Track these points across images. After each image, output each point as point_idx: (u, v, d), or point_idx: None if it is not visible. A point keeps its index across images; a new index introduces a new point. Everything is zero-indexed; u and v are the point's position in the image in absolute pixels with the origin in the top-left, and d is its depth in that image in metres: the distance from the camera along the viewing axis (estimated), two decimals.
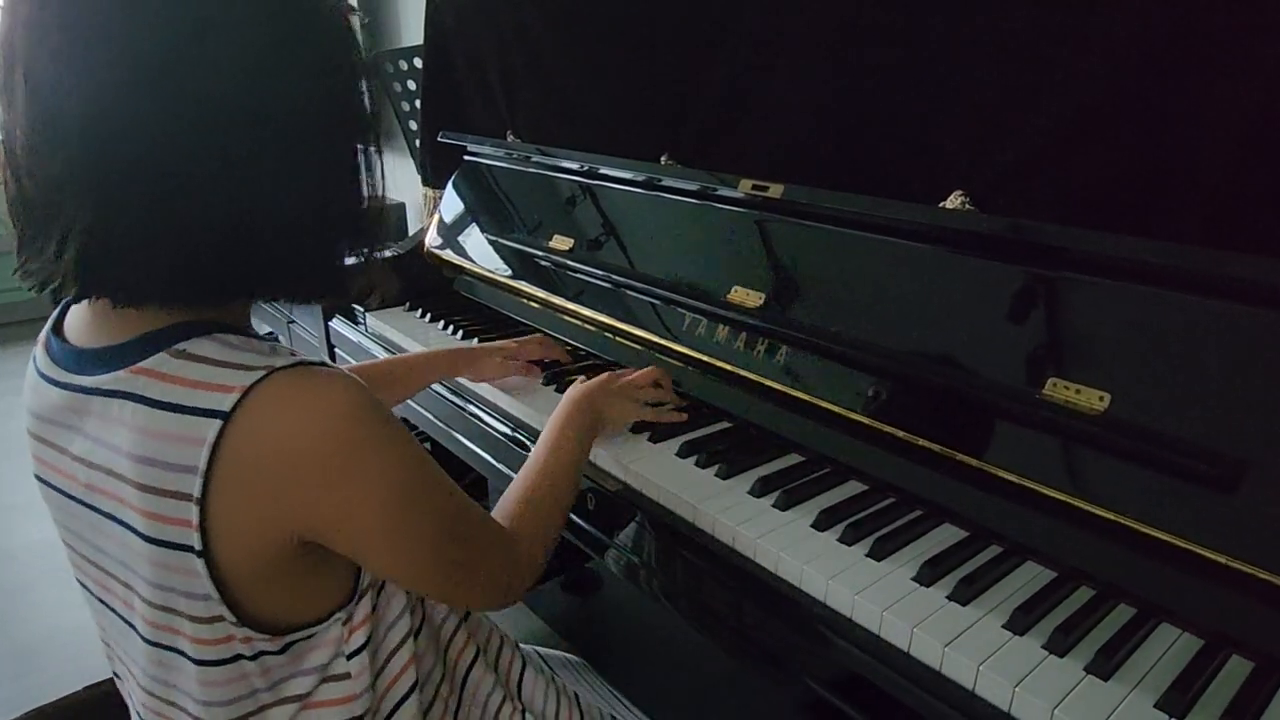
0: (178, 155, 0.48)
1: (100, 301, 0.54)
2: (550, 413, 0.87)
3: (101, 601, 0.61)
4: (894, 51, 0.93)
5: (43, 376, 0.58)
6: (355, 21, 0.57)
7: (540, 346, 1.13)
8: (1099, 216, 0.77)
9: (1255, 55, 0.67)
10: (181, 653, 0.56)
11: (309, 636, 0.58)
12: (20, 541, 2.09)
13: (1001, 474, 0.73)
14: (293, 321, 1.92)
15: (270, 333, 0.64)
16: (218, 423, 0.49)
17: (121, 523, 0.54)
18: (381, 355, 1.32)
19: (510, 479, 1.02)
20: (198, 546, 0.51)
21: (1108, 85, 0.76)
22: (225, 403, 0.50)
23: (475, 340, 1.25)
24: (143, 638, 0.57)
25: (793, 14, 1.02)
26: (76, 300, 0.58)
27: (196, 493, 0.50)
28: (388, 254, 1.55)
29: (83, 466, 0.55)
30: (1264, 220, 0.69)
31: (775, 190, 0.97)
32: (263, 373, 0.51)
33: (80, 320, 0.58)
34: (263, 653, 0.56)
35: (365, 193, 0.58)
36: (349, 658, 0.60)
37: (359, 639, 0.61)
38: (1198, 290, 0.66)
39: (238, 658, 0.56)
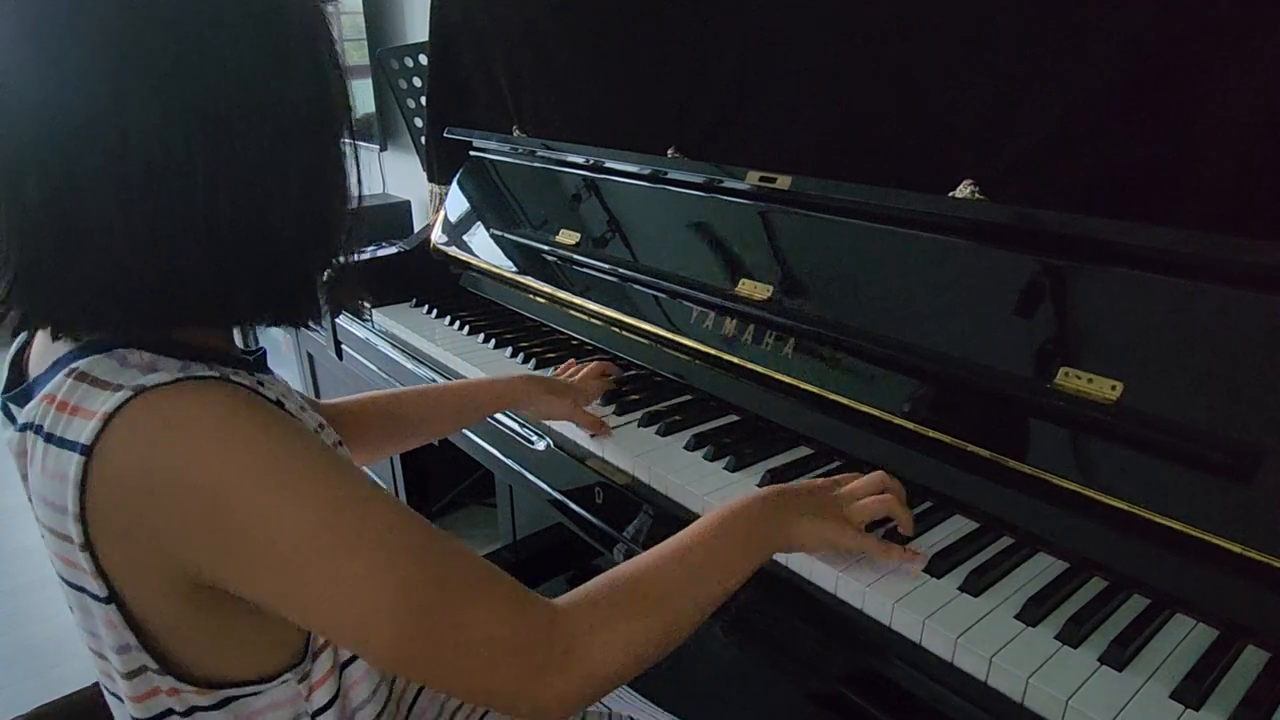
0: (100, 172, 0.43)
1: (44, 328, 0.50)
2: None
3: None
4: (902, 40, 0.92)
5: (2, 407, 0.54)
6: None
7: (602, 383, 1.01)
8: (1110, 204, 0.76)
9: (1267, 42, 0.66)
10: (122, 701, 0.52)
11: (253, 694, 0.52)
12: (30, 540, 2.10)
13: (1013, 464, 0.72)
14: None
15: (258, 348, 0.57)
16: (78, 458, 0.43)
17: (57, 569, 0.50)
18: (389, 351, 1.32)
19: (519, 475, 1.04)
20: (101, 594, 0.46)
21: (1118, 72, 0.75)
22: (86, 433, 0.43)
23: (482, 336, 1.25)
24: (98, 683, 0.55)
25: (800, 4, 1.01)
26: (20, 331, 0.53)
27: (78, 539, 0.45)
28: (387, 252, 1.56)
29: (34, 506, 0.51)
30: (1277, 206, 0.68)
31: (783, 181, 0.97)
32: (128, 395, 0.43)
33: (36, 345, 0.54)
34: (196, 708, 0.51)
35: (323, 215, 0.52)
36: (314, 716, 0.55)
37: (323, 696, 0.54)
38: (1209, 277, 0.66)
39: (168, 713, 0.51)
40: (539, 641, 0.48)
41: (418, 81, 1.94)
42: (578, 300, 1.22)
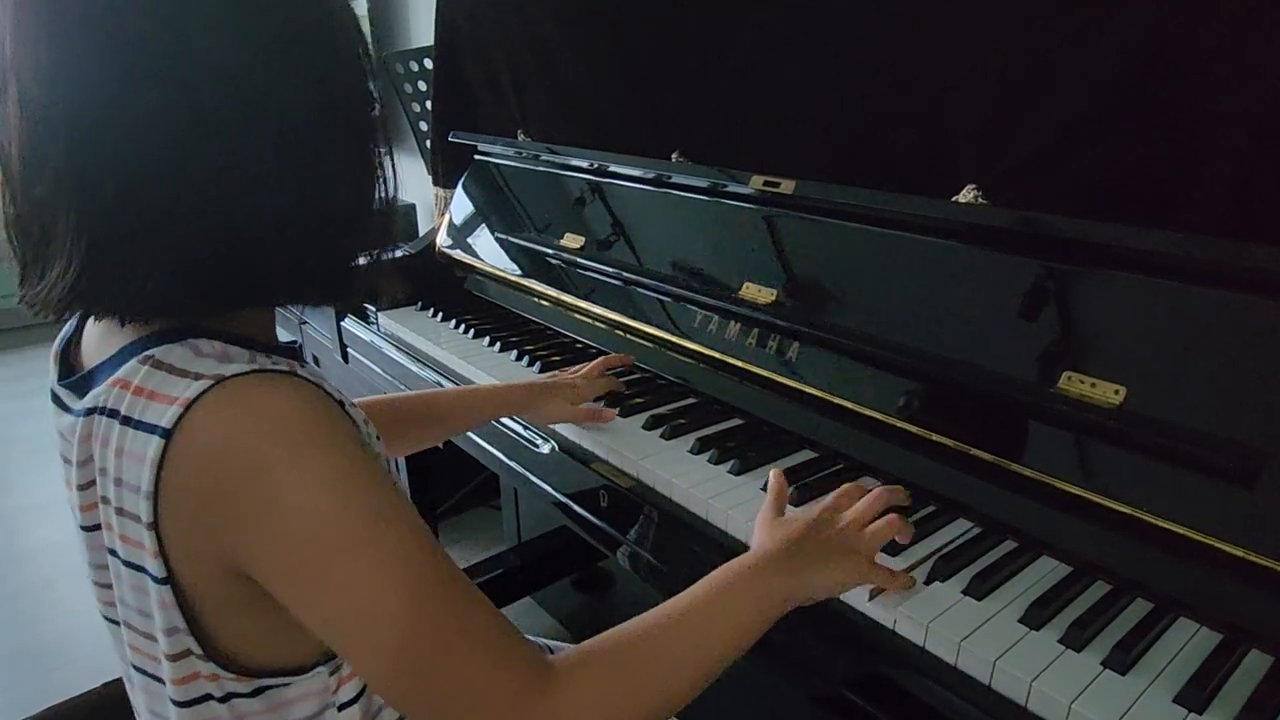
0: (174, 163, 0.46)
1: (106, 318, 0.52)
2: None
3: (108, 620, 0.58)
4: (905, 44, 0.93)
5: (54, 397, 0.56)
6: (362, 22, 0.55)
7: (605, 381, 1.01)
8: (1113, 208, 0.76)
9: (1270, 44, 0.67)
10: (163, 682, 0.53)
11: (285, 685, 0.54)
12: (41, 541, 2.11)
13: (1016, 468, 0.72)
14: (305, 323, 1.93)
15: (293, 341, 0.59)
16: (158, 440, 0.46)
17: (110, 550, 0.52)
18: (394, 354, 1.33)
19: (524, 478, 1.04)
20: (157, 574, 0.48)
21: (1121, 75, 0.75)
22: (167, 417, 0.46)
23: (486, 339, 1.26)
24: (134, 666, 0.55)
25: (803, 9, 1.02)
26: (83, 320, 0.57)
27: (146, 517, 0.47)
28: (398, 254, 1.56)
29: (82, 493, 0.53)
30: None
31: (787, 186, 0.97)
32: (209, 383, 0.46)
33: (90, 337, 0.56)
34: (233, 694, 0.52)
35: (375, 194, 0.55)
36: (340, 709, 0.56)
37: (350, 690, 0.56)
38: (1213, 282, 0.66)
39: (206, 698, 0.52)
40: (529, 702, 0.48)
41: (423, 85, 1.95)
42: (582, 304, 1.22)
